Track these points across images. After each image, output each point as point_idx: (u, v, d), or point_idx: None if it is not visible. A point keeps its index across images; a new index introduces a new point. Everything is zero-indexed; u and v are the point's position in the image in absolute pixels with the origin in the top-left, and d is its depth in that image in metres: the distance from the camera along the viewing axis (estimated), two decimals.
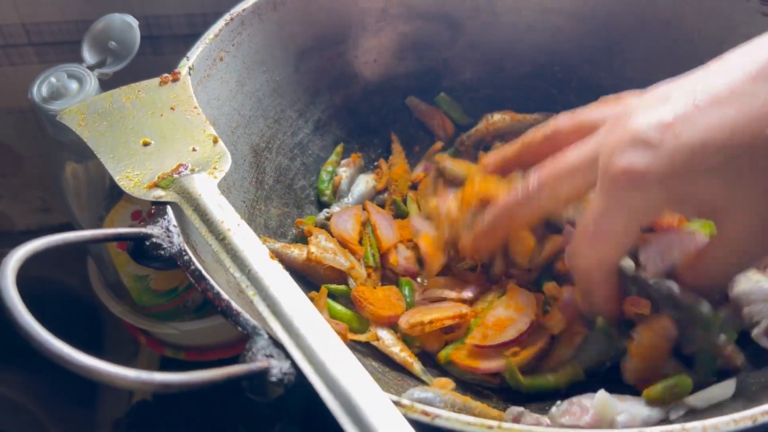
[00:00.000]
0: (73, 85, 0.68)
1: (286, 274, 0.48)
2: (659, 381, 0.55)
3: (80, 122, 0.60)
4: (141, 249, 0.51)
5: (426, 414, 0.41)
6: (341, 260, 0.69)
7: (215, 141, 0.59)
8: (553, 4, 0.84)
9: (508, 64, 0.88)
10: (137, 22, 0.70)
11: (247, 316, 0.46)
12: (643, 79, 0.81)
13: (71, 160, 0.72)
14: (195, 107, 0.62)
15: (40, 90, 0.68)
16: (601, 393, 0.54)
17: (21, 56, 0.93)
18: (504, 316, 0.63)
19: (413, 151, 0.86)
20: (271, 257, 0.49)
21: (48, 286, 1.09)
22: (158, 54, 0.92)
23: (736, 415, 0.40)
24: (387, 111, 0.87)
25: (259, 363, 0.42)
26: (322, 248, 0.69)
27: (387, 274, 0.73)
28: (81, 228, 0.79)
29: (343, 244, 0.72)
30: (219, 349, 0.94)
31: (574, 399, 0.55)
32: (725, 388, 0.54)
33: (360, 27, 0.83)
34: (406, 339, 0.66)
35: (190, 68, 0.66)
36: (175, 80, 0.64)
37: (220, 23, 0.70)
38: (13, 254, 0.42)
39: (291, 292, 0.46)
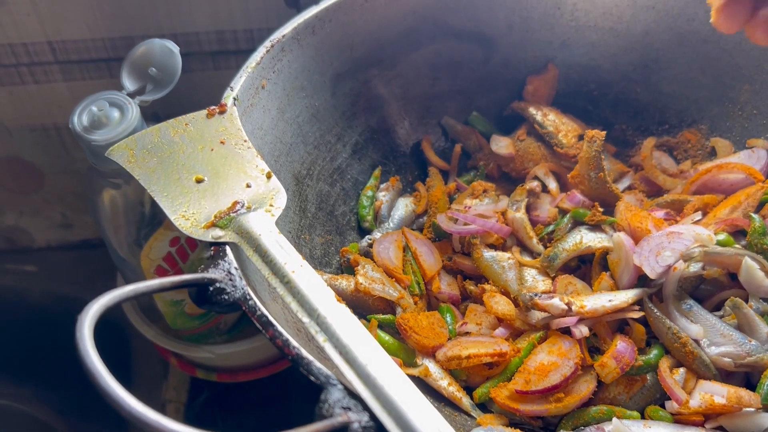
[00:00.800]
0: (115, 114, 0.67)
1: (355, 318, 0.47)
2: None
3: (130, 158, 0.59)
4: (204, 294, 0.50)
5: None
6: (390, 291, 0.68)
7: (269, 177, 0.59)
8: (587, 20, 0.83)
9: None
10: (178, 48, 0.68)
11: (319, 365, 0.46)
12: (681, 95, 0.81)
13: (109, 187, 0.71)
14: (245, 140, 0.61)
15: (80, 119, 0.67)
16: (615, 420, 0.58)
17: (46, 74, 0.92)
18: (547, 361, 0.62)
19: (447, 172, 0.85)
20: (338, 300, 0.49)
21: (77, 306, 1.07)
22: (186, 71, 0.90)
23: None
24: (422, 131, 0.86)
25: (340, 418, 0.42)
26: (369, 278, 0.68)
27: (431, 301, 0.73)
28: (115, 251, 0.78)
29: (388, 273, 0.71)
30: (251, 370, 0.94)
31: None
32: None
33: (394, 48, 0.82)
34: (452, 371, 0.66)
35: (234, 99, 0.65)
36: (221, 112, 0.63)
37: (261, 51, 0.69)
38: (87, 311, 0.41)
39: (362, 338, 0.46)
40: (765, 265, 0.64)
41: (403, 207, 0.80)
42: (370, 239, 0.76)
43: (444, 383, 0.64)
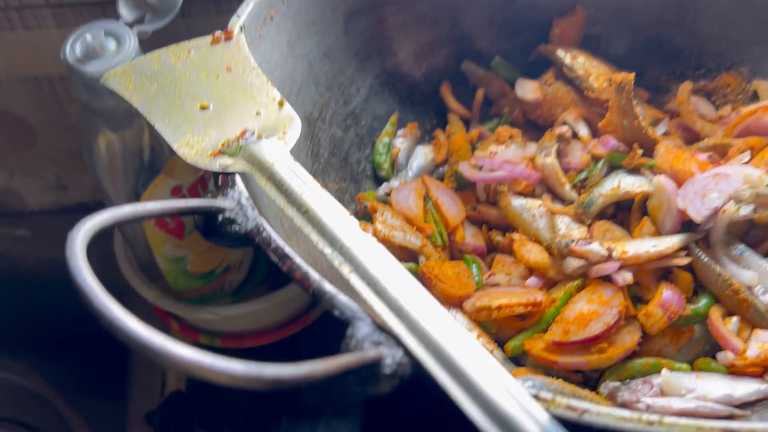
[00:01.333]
0: (111, 45, 0.61)
1: (383, 247, 0.42)
2: None
3: (127, 85, 0.54)
4: (213, 225, 0.45)
5: (572, 409, 0.35)
6: (412, 239, 0.63)
7: (281, 104, 0.53)
8: None
9: None
10: None
11: (343, 297, 0.40)
12: (719, 36, 0.75)
13: (107, 128, 0.66)
14: (254, 68, 0.56)
15: (73, 49, 0.61)
16: (665, 372, 0.54)
17: (36, 19, 0.86)
18: (587, 310, 0.57)
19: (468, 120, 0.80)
20: (363, 229, 0.43)
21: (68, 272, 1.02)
22: (186, 16, 0.85)
23: None
24: (441, 78, 0.81)
25: (371, 352, 0.36)
26: (389, 226, 0.63)
27: (454, 254, 0.67)
28: (112, 203, 0.72)
29: (408, 221, 0.66)
30: (258, 335, 0.88)
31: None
32: None
33: None
34: (481, 323, 0.60)
35: (242, 27, 0.59)
36: (228, 39, 0.58)
37: None
38: (79, 228, 0.36)
39: (392, 268, 0.40)
40: None
41: (422, 155, 0.74)
42: (388, 188, 0.70)
43: (473, 335, 0.58)
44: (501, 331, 0.60)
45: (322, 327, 0.91)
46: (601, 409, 0.35)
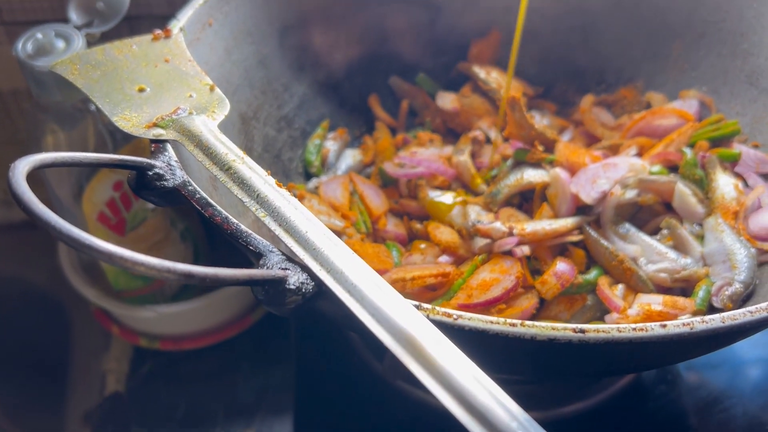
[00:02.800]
0: (60, 44, 0.66)
1: (294, 199, 0.48)
2: None
3: (73, 71, 0.59)
4: (143, 181, 0.50)
5: (448, 315, 0.41)
6: (336, 221, 0.68)
7: (212, 88, 0.59)
8: None
9: None
10: None
11: (257, 236, 0.46)
12: (617, 55, 0.85)
13: (54, 124, 0.70)
14: (189, 60, 0.62)
15: (25, 46, 0.66)
16: None
17: None
18: (489, 278, 0.63)
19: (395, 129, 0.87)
20: (278, 185, 0.49)
21: (12, 285, 1.05)
22: (137, 34, 0.91)
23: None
24: (370, 90, 0.88)
25: (278, 272, 0.42)
26: (315, 211, 0.68)
27: (377, 241, 0.73)
28: (59, 201, 0.77)
29: (334, 209, 0.71)
30: (196, 337, 0.92)
31: None
32: None
33: (342, 7, 0.84)
34: None
35: (181, 28, 0.66)
36: (167, 37, 0.64)
37: None
38: (22, 159, 0.41)
39: (302, 212, 0.46)
40: (696, 191, 0.67)
41: (351, 157, 0.81)
42: (317, 182, 0.76)
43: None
44: (416, 300, 0.65)
45: (260, 331, 0.95)
46: (473, 315, 0.41)
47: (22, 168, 0.40)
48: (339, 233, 0.68)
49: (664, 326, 0.41)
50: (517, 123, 0.73)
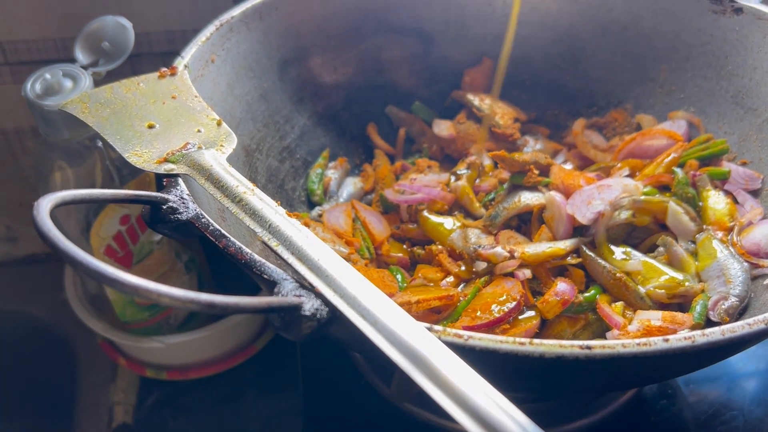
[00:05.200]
0: (68, 83, 0.68)
1: (306, 228, 0.49)
2: None
3: (83, 110, 0.61)
4: (157, 215, 0.52)
5: (459, 336, 0.43)
6: (341, 248, 0.70)
7: (219, 123, 0.61)
8: (517, 15, 0.90)
9: None
10: (131, 24, 0.71)
11: (271, 265, 0.47)
12: (606, 79, 0.88)
13: (62, 160, 0.72)
14: (196, 96, 0.64)
15: (33, 87, 0.68)
16: None
17: None
18: (491, 300, 0.65)
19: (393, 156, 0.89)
20: (289, 215, 0.51)
21: (18, 319, 1.06)
22: (138, 72, 0.93)
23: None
24: (368, 119, 0.90)
25: (294, 299, 0.43)
26: (320, 238, 0.70)
27: (381, 266, 0.75)
28: (67, 237, 0.78)
29: (338, 236, 0.73)
30: (202, 366, 0.93)
31: None
32: None
33: (339, 40, 0.86)
34: None
35: (185, 65, 0.68)
36: (173, 74, 0.66)
37: (211, 28, 0.73)
38: (45, 198, 0.42)
39: (313, 240, 0.48)
40: (689, 210, 0.69)
41: (352, 184, 0.83)
42: (320, 210, 0.78)
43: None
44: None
45: (265, 359, 0.96)
46: (483, 336, 0.42)
47: (45, 206, 0.41)
48: (344, 259, 0.70)
49: (667, 340, 0.43)
50: (510, 166, 0.75)
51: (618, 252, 0.68)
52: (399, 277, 0.71)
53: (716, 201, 0.71)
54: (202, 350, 0.92)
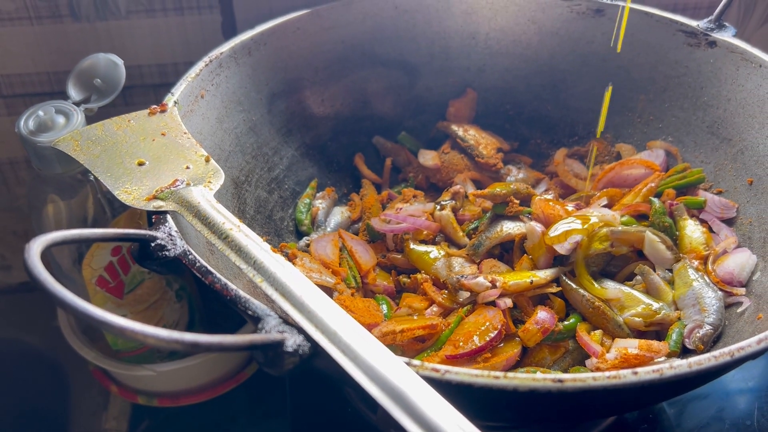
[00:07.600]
0: (60, 120, 0.70)
1: (290, 264, 0.51)
2: None
3: (75, 147, 0.63)
4: (146, 252, 0.53)
5: (436, 371, 0.44)
6: (327, 278, 0.72)
7: (207, 160, 0.63)
8: (499, 48, 0.92)
9: None
10: (122, 61, 0.74)
11: (255, 301, 0.49)
12: (586, 109, 0.90)
13: (54, 194, 0.74)
14: (185, 132, 0.66)
15: (27, 123, 0.70)
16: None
17: None
18: (473, 328, 0.66)
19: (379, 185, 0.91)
20: (273, 251, 0.52)
21: (11, 347, 1.07)
22: (129, 104, 0.96)
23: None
24: (355, 150, 0.92)
25: (276, 335, 0.45)
26: (307, 268, 0.72)
27: (367, 295, 0.76)
28: (58, 266, 0.80)
29: (325, 266, 0.75)
30: (193, 393, 0.94)
31: None
32: None
33: (326, 73, 0.89)
34: (388, 347, 0.69)
35: (175, 102, 0.70)
36: (162, 111, 0.68)
37: (201, 64, 0.75)
38: (35, 240, 0.44)
39: (297, 277, 0.49)
40: (665, 239, 0.71)
41: (339, 214, 0.84)
42: (308, 240, 0.80)
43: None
44: (405, 353, 0.68)
45: (255, 385, 0.97)
46: (459, 370, 0.44)
47: (36, 249, 0.43)
48: (330, 290, 0.72)
49: (636, 373, 0.45)
50: (491, 198, 0.77)
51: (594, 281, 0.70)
52: (384, 306, 0.73)
53: (693, 230, 0.73)
54: (193, 377, 0.93)
